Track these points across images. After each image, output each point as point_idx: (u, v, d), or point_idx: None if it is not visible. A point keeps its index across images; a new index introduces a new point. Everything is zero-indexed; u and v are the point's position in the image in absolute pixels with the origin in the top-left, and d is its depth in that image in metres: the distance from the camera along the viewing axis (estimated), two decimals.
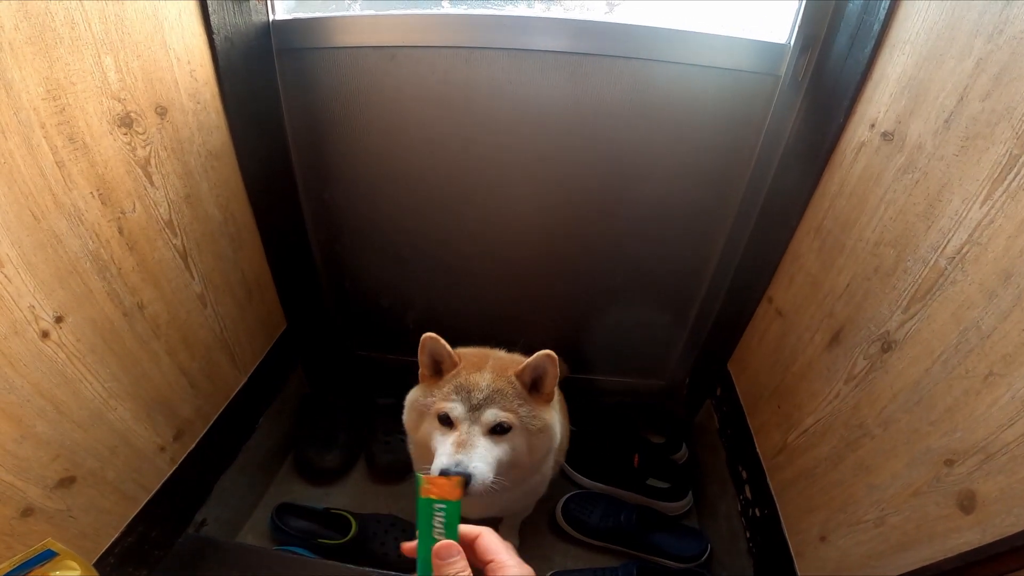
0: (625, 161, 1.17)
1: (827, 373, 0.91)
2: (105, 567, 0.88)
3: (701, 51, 1.04)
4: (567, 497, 1.39)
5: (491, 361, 0.91)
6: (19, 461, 0.72)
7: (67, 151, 0.73)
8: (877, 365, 0.79)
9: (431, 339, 0.87)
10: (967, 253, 0.66)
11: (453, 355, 0.88)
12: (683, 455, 1.52)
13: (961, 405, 0.64)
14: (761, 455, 1.11)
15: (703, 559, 1.28)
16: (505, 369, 0.88)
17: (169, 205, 0.92)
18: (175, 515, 1.07)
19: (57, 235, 0.73)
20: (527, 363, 0.85)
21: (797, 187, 1.05)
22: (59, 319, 0.75)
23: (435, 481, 0.52)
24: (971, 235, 0.66)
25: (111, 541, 0.90)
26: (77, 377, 0.79)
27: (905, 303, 0.75)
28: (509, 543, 0.51)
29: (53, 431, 0.76)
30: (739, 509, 1.18)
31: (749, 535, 1.13)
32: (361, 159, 1.25)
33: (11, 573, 0.70)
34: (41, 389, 0.74)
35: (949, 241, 0.69)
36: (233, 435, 1.24)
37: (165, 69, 0.88)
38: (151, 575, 1.00)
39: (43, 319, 0.73)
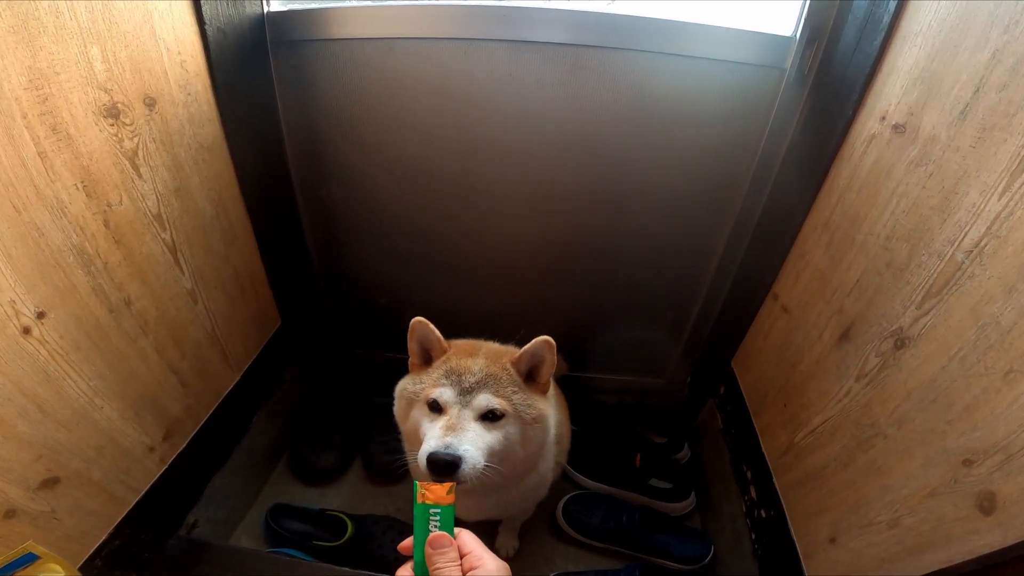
0: (626, 155, 1.16)
1: (836, 371, 0.89)
2: (92, 570, 0.86)
3: (704, 43, 1.02)
4: (568, 498, 1.37)
5: (484, 349, 0.89)
6: (0, 462, 0.70)
7: (50, 142, 0.71)
8: (890, 362, 0.77)
9: (420, 323, 0.85)
10: (985, 246, 0.64)
11: (442, 341, 0.86)
12: (685, 455, 1.50)
13: (980, 403, 0.62)
14: (767, 455, 1.09)
15: (707, 561, 1.26)
16: (499, 357, 0.86)
17: (158, 198, 0.90)
18: (165, 517, 1.05)
19: (39, 228, 0.71)
20: (524, 350, 0.84)
21: (803, 182, 1.03)
22: (41, 315, 0.72)
23: (430, 487, 0.55)
24: (989, 228, 0.64)
25: (98, 543, 0.88)
26: (60, 375, 0.76)
27: (919, 298, 0.73)
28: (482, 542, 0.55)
29: (35, 431, 0.74)
30: (744, 510, 1.16)
31: (755, 537, 1.11)
32: (358, 153, 1.22)
33: None
34: (23, 387, 0.71)
35: (966, 234, 0.67)
36: (225, 435, 1.21)
37: (154, 60, 0.86)
38: None
39: (24, 315, 0.70)
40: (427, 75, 1.09)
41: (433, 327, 0.86)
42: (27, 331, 0.71)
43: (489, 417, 0.80)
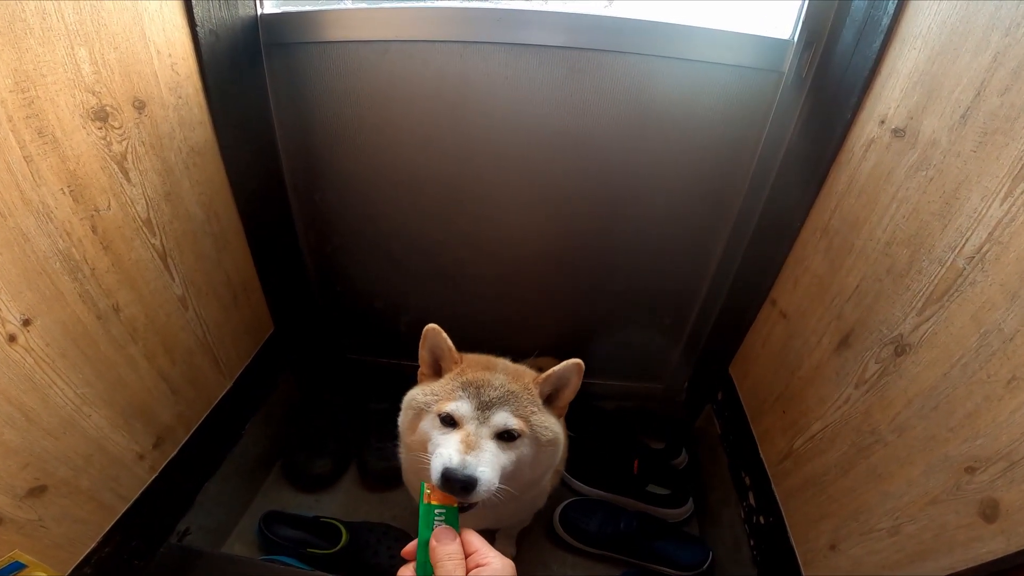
0: (624, 160, 1.15)
1: (836, 377, 0.88)
2: None
3: (702, 47, 1.01)
4: (565, 504, 1.36)
5: (500, 365, 0.85)
6: None
7: (36, 145, 0.69)
8: (890, 369, 0.76)
9: (432, 331, 0.82)
10: (987, 252, 0.63)
11: (454, 351, 0.83)
12: (683, 461, 1.49)
13: (982, 411, 0.61)
14: (765, 461, 1.08)
15: (705, 567, 1.25)
16: (518, 375, 0.83)
17: (147, 203, 0.88)
18: (156, 525, 1.04)
19: (24, 233, 0.69)
20: (552, 371, 0.80)
21: (801, 186, 1.02)
22: (27, 322, 0.71)
23: (435, 488, 0.58)
24: (991, 233, 0.63)
25: (87, 552, 0.86)
26: (47, 383, 0.75)
27: (920, 305, 0.72)
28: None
29: (22, 439, 0.73)
30: (742, 516, 1.15)
31: (753, 543, 1.10)
32: (353, 157, 1.21)
33: None
34: (8, 396, 0.70)
35: (967, 240, 0.66)
36: (217, 442, 1.20)
37: (144, 62, 0.84)
38: None
39: (9, 322, 0.68)
40: (423, 78, 1.08)
41: (446, 336, 0.82)
42: (12, 339, 0.69)
43: (504, 437, 0.76)
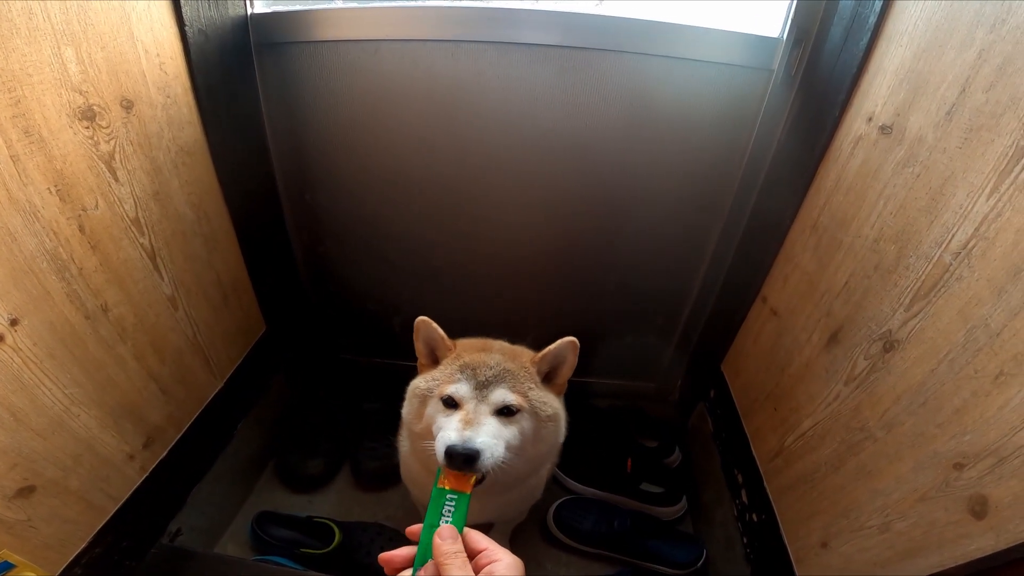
0: (615, 158, 1.15)
1: (825, 374, 0.88)
2: None
3: (692, 45, 1.01)
4: (559, 503, 1.36)
5: (495, 346, 0.89)
6: None
7: (22, 144, 0.69)
8: (879, 365, 0.76)
9: (423, 323, 0.85)
10: (974, 248, 0.63)
11: (446, 339, 0.86)
12: (676, 459, 1.49)
13: (970, 407, 0.61)
14: (757, 459, 1.08)
15: (699, 565, 1.25)
16: (515, 355, 0.86)
17: (136, 202, 0.88)
18: (147, 525, 1.03)
19: (11, 232, 0.69)
20: (548, 349, 0.84)
21: (791, 183, 1.03)
22: (14, 322, 0.70)
23: (452, 474, 0.60)
24: (977, 229, 0.63)
25: (77, 552, 0.86)
26: (35, 383, 0.74)
27: (908, 301, 0.72)
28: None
29: (10, 439, 0.72)
30: (735, 514, 1.15)
31: (746, 541, 1.10)
32: (344, 156, 1.21)
33: None
34: None
35: (954, 236, 0.66)
36: (209, 442, 1.19)
37: (132, 62, 0.84)
38: None
39: None
40: (414, 77, 1.08)
41: (436, 325, 0.85)
42: (0, 339, 0.68)
43: (504, 412, 0.79)
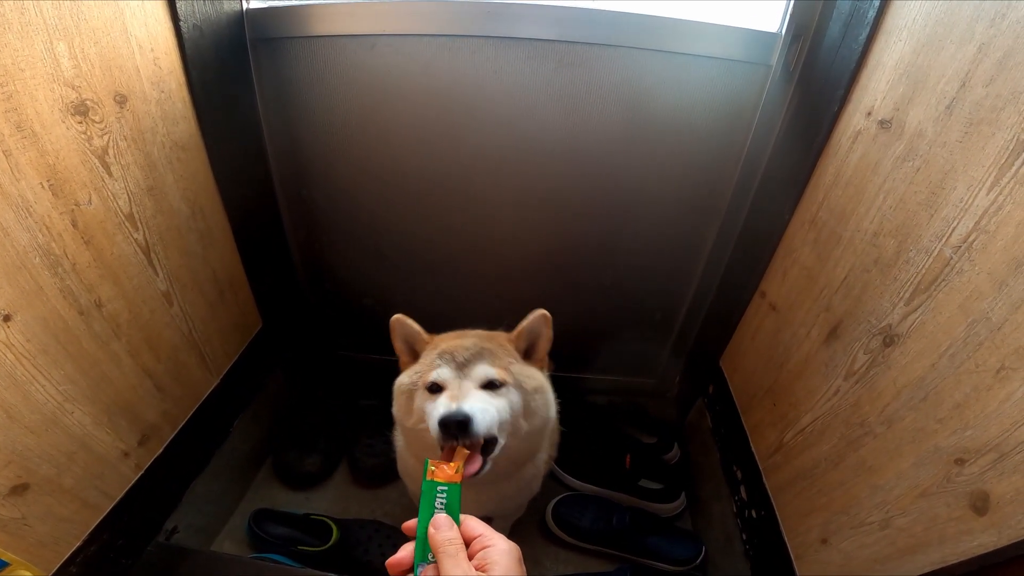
0: (612, 153, 1.14)
1: (825, 369, 0.88)
2: None
3: (690, 40, 1.01)
4: (557, 500, 1.35)
5: (471, 333, 0.90)
6: None
7: (14, 139, 0.68)
8: (879, 360, 0.76)
9: (398, 321, 0.86)
10: (974, 241, 0.63)
11: (423, 333, 0.87)
12: (675, 455, 1.49)
13: (971, 401, 0.61)
14: (756, 455, 1.08)
15: (698, 562, 1.25)
16: (493, 337, 0.87)
17: (130, 197, 0.87)
18: (143, 523, 1.02)
19: (3, 227, 0.68)
20: (522, 325, 0.85)
21: (790, 178, 1.02)
22: (6, 318, 0.69)
23: (440, 465, 0.58)
24: (978, 222, 0.63)
25: (72, 550, 0.85)
26: (27, 379, 0.74)
27: (908, 295, 0.72)
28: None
29: (3, 436, 0.72)
30: (734, 510, 1.15)
31: (745, 537, 1.10)
32: (341, 152, 1.20)
33: None
34: None
35: (954, 229, 0.66)
36: (205, 439, 1.19)
37: (125, 57, 0.83)
38: None
39: None
40: (410, 72, 1.07)
41: (411, 321, 0.86)
42: None
43: (489, 387, 0.80)
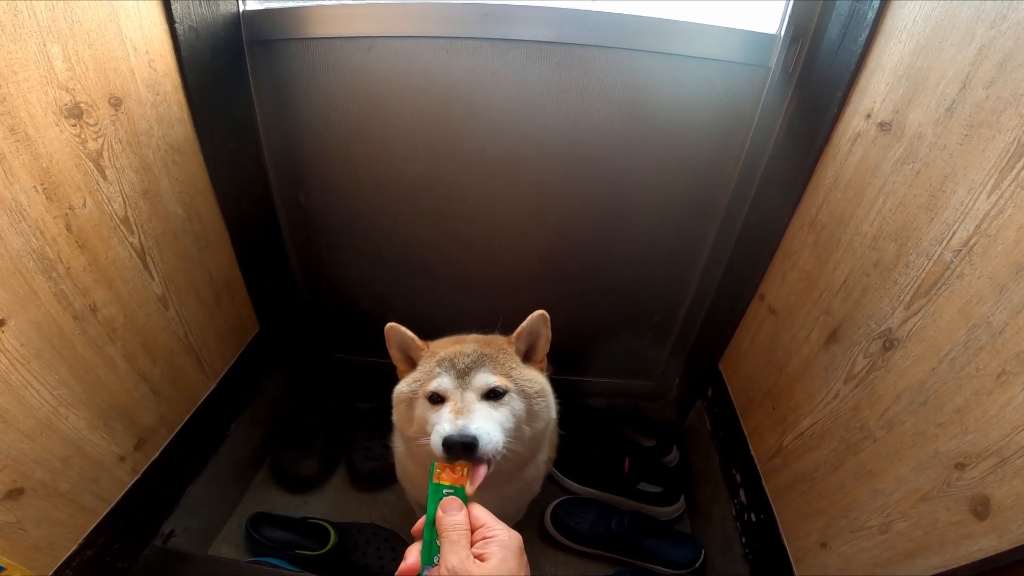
0: (612, 156, 1.14)
1: (824, 373, 0.87)
2: None
3: (689, 41, 1.01)
4: (556, 503, 1.35)
5: (469, 338, 0.89)
6: None
7: (8, 143, 0.67)
8: (878, 364, 0.76)
9: (392, 329, 0.85)
10: (975, 245, 0.63)
11: (418, 340, 0.86)
12: (674, 458, 1.49)
13: (972, 406, 0.61)
14: (756, 458, 1.08)
15: (697, 565, 1.24)
16: (491, 341, 0.86)
17: (124, 201, 0.86)
18: (139, 527, 1.02)
19: None
20: (521, 327, 0.84)
21: (789, 181, 1.02)
22: (0, 323, 0.69)
23: (445, 468, 0.59)
24: (978, 226, 0.62)
25: (68, 554, 0.85)
26: (22, 384, 0.73)
27: (908, 299, 0.71)
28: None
29: None
30: (734, 514, 1.14)
31: (744, 540, 1.09)
32: (338, 155, 1.19)
33: None
34: None
35: (955, 233, 0.65)
36: (202, 443, 1.18)
37: (120, 59, 0.82)
38: None
39: None
40: (408, 74, 1.06)
41: (406, 329, 0.85)
42: None
43: (492, 396, 0.78)
